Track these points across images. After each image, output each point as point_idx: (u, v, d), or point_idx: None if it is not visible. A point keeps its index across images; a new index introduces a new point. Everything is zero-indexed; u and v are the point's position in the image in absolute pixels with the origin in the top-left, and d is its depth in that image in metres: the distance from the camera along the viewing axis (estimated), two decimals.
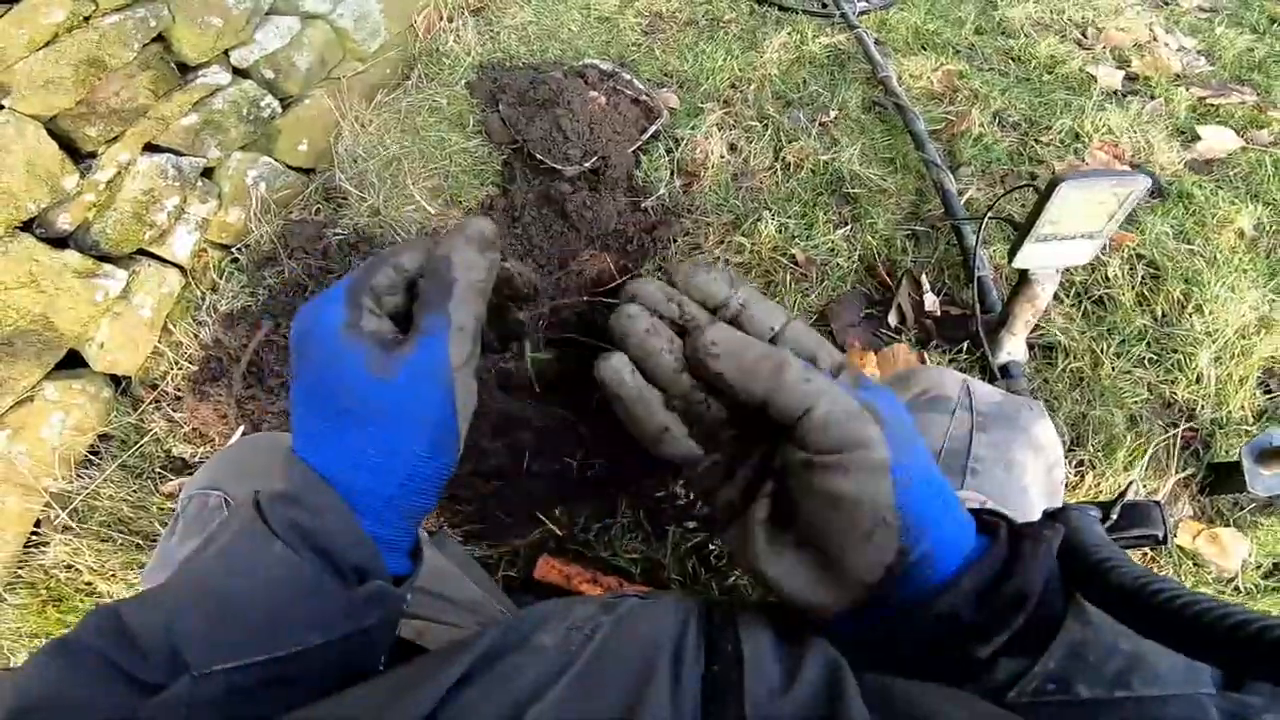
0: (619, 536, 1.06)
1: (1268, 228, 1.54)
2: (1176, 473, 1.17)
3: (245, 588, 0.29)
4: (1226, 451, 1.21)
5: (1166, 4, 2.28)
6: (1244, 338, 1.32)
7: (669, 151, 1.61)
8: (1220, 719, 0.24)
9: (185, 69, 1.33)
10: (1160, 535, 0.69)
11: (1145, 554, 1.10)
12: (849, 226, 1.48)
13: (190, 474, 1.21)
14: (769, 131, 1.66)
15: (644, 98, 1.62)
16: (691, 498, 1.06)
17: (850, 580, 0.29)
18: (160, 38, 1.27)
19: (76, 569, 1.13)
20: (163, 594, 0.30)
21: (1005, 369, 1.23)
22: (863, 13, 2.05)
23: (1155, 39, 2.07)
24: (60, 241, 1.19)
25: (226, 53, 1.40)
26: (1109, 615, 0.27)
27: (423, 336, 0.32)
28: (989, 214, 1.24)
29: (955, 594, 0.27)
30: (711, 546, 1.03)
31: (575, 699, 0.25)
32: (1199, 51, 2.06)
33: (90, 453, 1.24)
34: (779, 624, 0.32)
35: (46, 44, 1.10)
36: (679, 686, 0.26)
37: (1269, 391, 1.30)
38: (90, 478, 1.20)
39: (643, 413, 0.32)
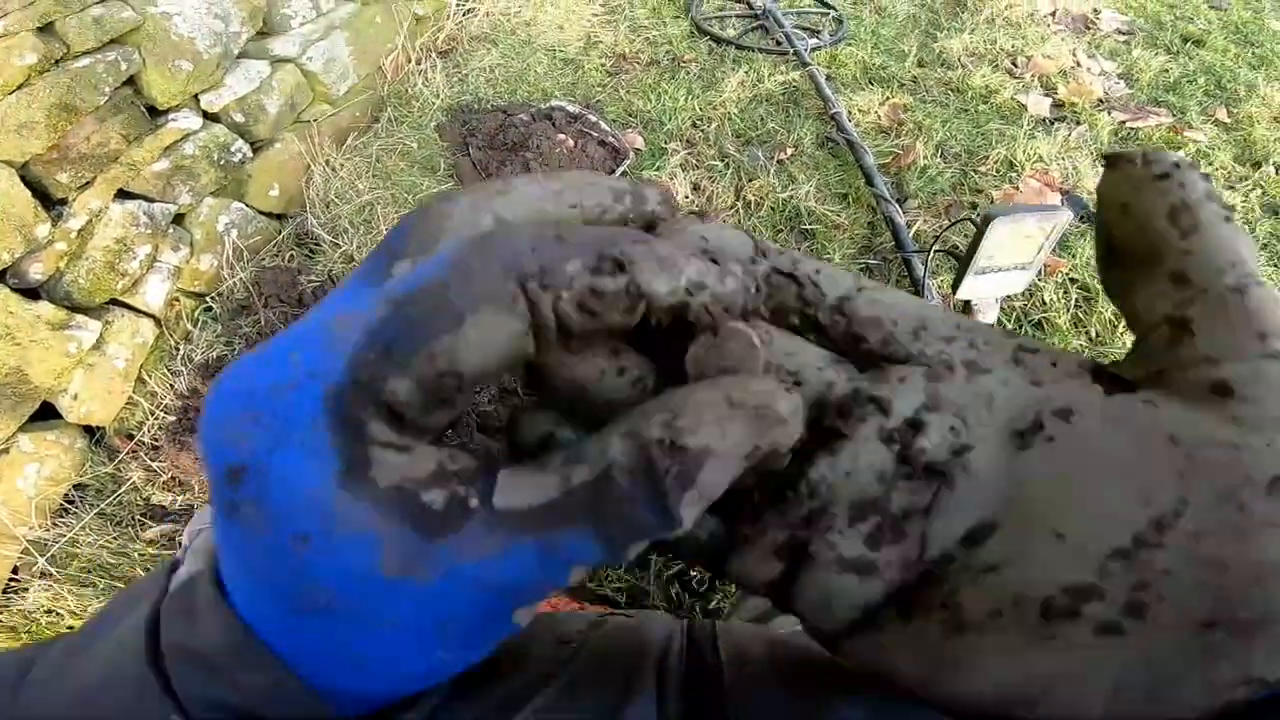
0: (603, 566, 1.10)
1: None
2: None
3: None
4: None
5: (1088, 29, 2.44)
6: None
7: None
8: None
9: (156, 113, 1.35)
10: None
11: None
12: None
13: (171, 521, 1.22)
14: (730, 171, 1.74)
15: (610, 139, 1.69)
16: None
17: (1216, 686, 0.16)
18: (131, 82, 1.29)
19: (58, 613, 1.13)
20: (11, 694, 0.20)
21: None
22: (815, 49, 2.17)
23: (1079, 64, 2.23)
24: (33, 292, 1.19)
25: (197, 97, 1.42)
26: None
27: (535, 542, 0.16)
28: (935, 247, 1.34)
29: None
30: (693, 572, 1.08)
31: (561, 705, 0.25)
32: (1119, 75, 2.21)
33: (66, 501, 1.24)
34: (758, 638, 0.32)
35: (19, 87, 1.10)
36: (663, 691, 0.27)
37: None
38: (68, 525, 1.20)
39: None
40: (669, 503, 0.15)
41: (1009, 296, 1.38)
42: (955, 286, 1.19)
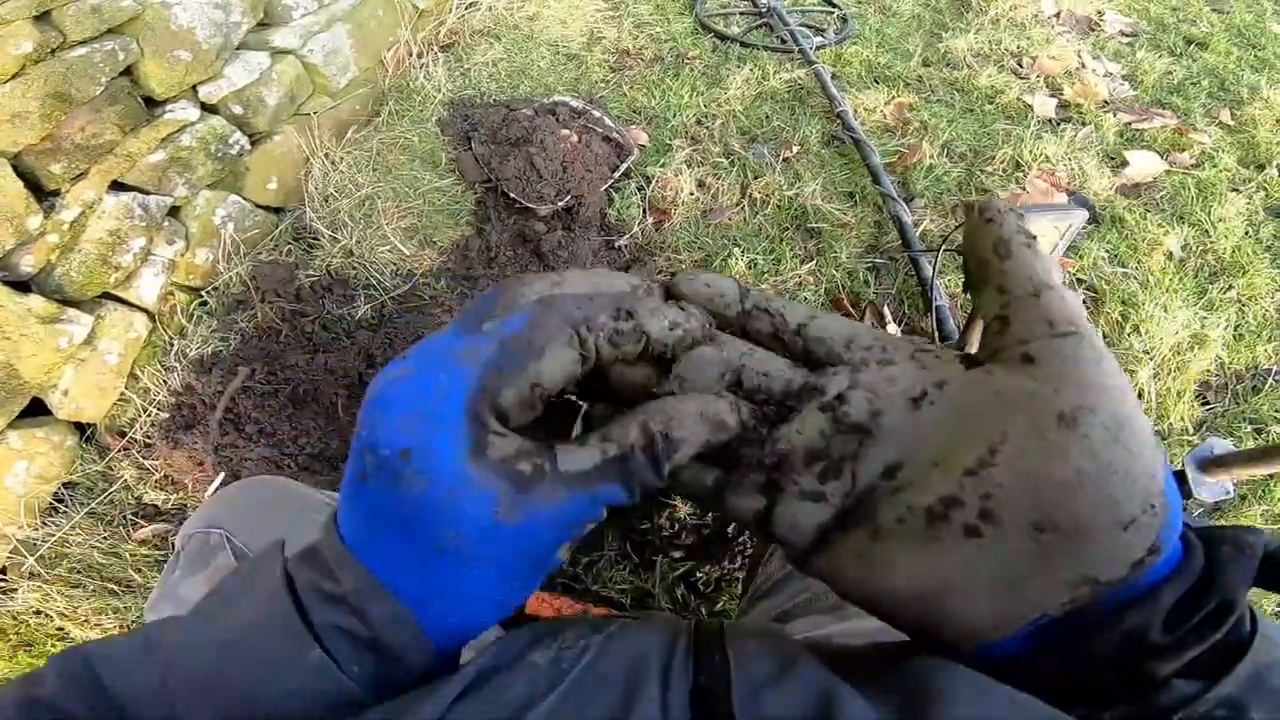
0: (606, 568, 1.08)
1: (1194, 248, 1.66)
2: None
3: (272, 697, 0.24)
4: (1170, 461, 1.30)
5: (1092, 30, 2.44)
6: (1179, 354, 1.43)
7: (640, 189, 1.66)
8: None
9: (152, 104, 1.32)
10: None
11: None
12: (814, 261, 1.54)
13: (164, 521, 1.19)
14: (735, 168, 1.72)
15: (614, 135, 1.66)
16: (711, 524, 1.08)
17: (1061, 585, 0.23)
18: (128, 72, 1.26)
19: (47, 614, 1.10)
20: (151, 658, 0.25)
21: None
22: (819, 47, 2.15)
23: (1084, 65, 2.22)
24: (23, 285, 1.16)
25: (195, 88, 1.39)
26: None
27: (584, 492, 0.25)
28: (943, 246, 1.32)
29: (1152, 608, 0.23)
30: (699, 573, 1.06)
31: (567, 710, 0.25)
32: (1123, 76, 2.21)
33: (55, 500, 1.21)
34: (767, 634, 0.32)
35: (14, 76, 1.07)
36: (668, 693, 0.27)
37: (1206, 403, 1.41)
38: (57, 525, 1.17)
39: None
40: (660, 467, 0.25)
41: None
42: (965, 286, 1.17)
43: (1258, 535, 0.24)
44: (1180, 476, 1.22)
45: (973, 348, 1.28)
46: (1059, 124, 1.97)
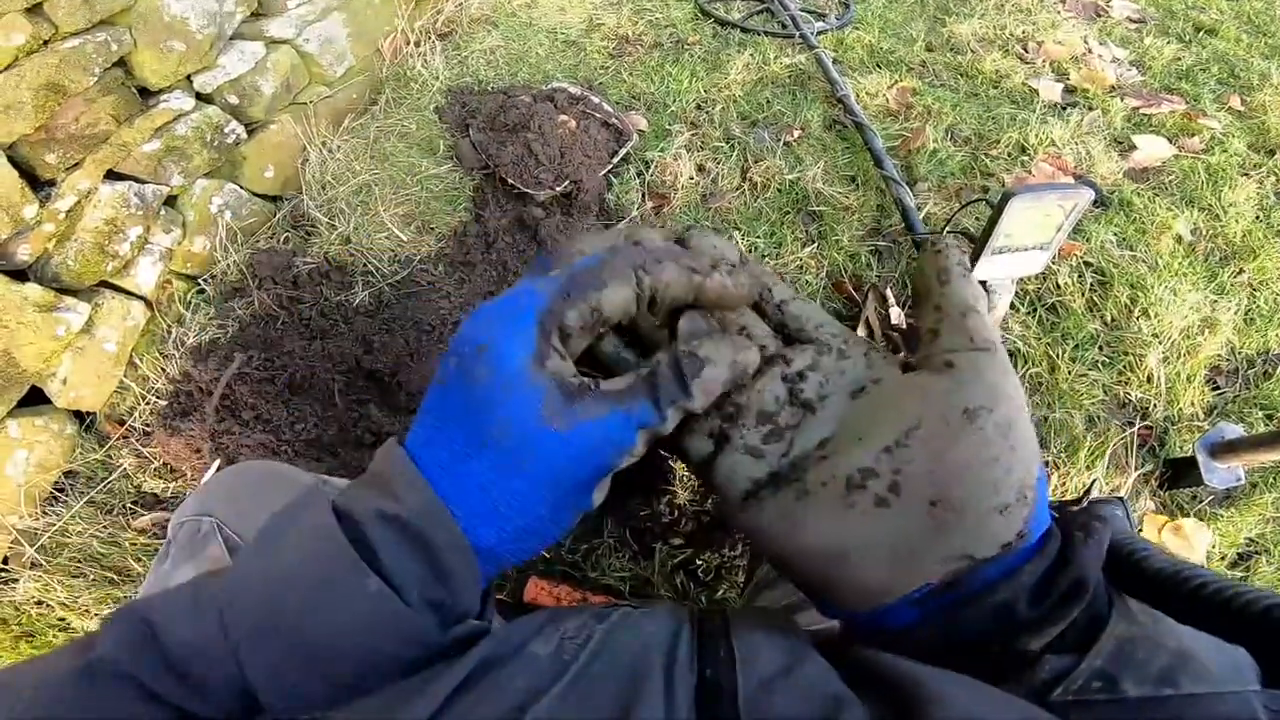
0: (606, 556, 1.07)
1: (1204, 232, 1.64)
2: (1136, 469, 1.24)
3: (332, 631, 0.25)
4: (1181, 447, 1.28)
5: (1099, 16, 2.41)
6: (1189, 338, 1.41)
7: (639, 174, 1.64)
8: (1267, 716, 0.23)
9: (147, 94, 1.31)
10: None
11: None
12: (815, 244, 1.52)
13: (163, 509, 1.19)
14: (735, 152, 1.70)
15: (613, 120, 1.65)
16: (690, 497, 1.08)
17: (944, 557, 0.26)
18: (121, 62, 1.25)
19: (48, 605, 1.10)
20: (205, 609, 0.26)
21: None
22: (821, 32, 2.13)
23: (1090, 51, 2.19)
24: (20, 274, 1.16)
25: (190, 78, 1.39)
26: (1147, 604, 0.27)
27: (619, 408, 0.28)
28: (947, 229, 1.30)
29: (1015, 585, 0.26)
30: (699, 561, 1.05)
31: (570, 703, 0.25)
32: (1131, 62, 2.18)
33: (56, 489, 1.21)
34: (773, 626, 0.32)
35: (6, 68, 1.07)
36: (672, 689, 0.26)
37: (1217, 388, 1.38)
38: (57, 514, 1.17)
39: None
40: (688, 382, 0.28)
41: (1023, 279, 1.34)
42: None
43: (1105, 521, 0.28)
44: (1191, 462, 1.20)
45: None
46: (1065, 109, 1.94)
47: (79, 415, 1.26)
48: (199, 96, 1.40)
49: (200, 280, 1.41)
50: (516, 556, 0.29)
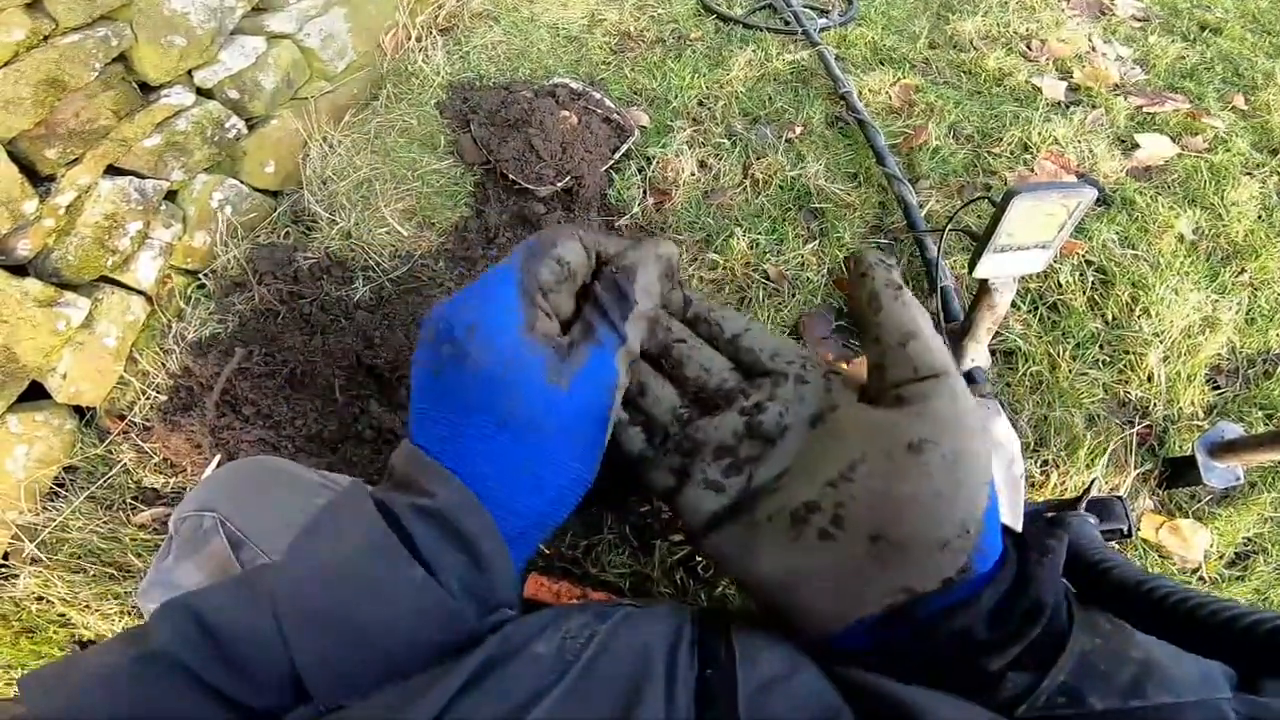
0: (606, 552, 1.07)
1: (1206, 231, 1.63)
2: (1135, 468, 1.24)
3: (380, 619, 0.26)
4: (1180, 446, 1.28)
5: (1103, 15, 2.39)
6: (1189, 337, 1.40)
7: (640, 170, 1.64)
8: None
9: (147, 89, 1.31)
10: (1125, 529, 0.73)
11: (1111, 547, 1.16)
12: (817, 241, 1.52)
13: (163, 504, 1.19)
14: (737, 148, 1.70)
15: (615, 116, 1.64)
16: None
17: (885, 590, 0.26)
18: (122, 57, 1.25)
19: (48, 600, 1.10)
20: (257, 601, 0.27)
21: (970, 375, 1.28)
22: (824, 29, 2.12)
23: (1094, 49, 2.18)
24: (20, 269, 1.16)
25: (190, 73, 1.38)
26: (1111, 613, 0.27)
27: (595, 347, 0.30)
28: (949, 226, 1.29)
29: (972, 612, 0.26)
30: (698, 559, 1.05)
31: (571, 704, 0.25)
32: (1135, 61, 2.17)
33: (56, 485, 1.21)
34: (773, 631, 0.31)
35: (6, 63, 1.07)
36: (673, 690, 0.26)
37: (1217, 387, 1.38)
38: (57, 510, 1.17)
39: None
40: (627, 290, 0.31)
41: (1024, 277, 1.34)
42: (971, 266, 1.15)
43: (1061, 539, 0.28)
44: (1190, 462, 1.20)
45: (978, 330, 1.25)
46: (1069, 107, 1.94)
47: (79, 410, 1.26)
48: (199, 91, 1.40)
49: (200, 275, 1.41)
50: (561, 517, 0.31)
